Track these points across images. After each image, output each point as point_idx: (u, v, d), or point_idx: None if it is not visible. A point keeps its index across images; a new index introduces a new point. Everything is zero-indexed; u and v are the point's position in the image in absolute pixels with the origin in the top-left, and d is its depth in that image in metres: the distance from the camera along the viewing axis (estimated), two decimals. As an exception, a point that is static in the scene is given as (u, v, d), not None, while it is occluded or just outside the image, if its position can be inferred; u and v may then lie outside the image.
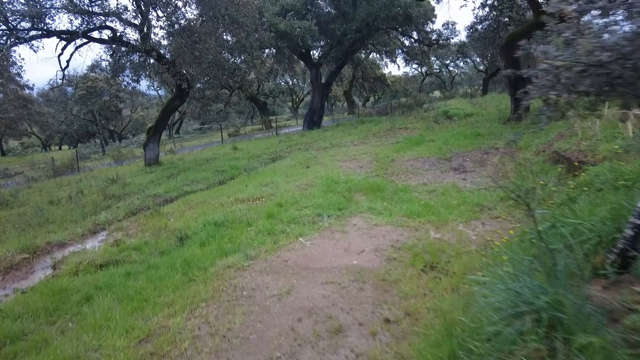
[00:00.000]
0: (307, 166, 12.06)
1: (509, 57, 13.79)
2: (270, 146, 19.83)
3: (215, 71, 14.50)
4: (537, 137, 10.24)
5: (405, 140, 14.22)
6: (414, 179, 9.65)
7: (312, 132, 23.31)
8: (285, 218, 7.07)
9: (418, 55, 37.54)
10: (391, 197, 8.04)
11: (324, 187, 9.00)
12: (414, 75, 59.27)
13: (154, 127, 17.13)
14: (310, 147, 16.77)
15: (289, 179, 10.42)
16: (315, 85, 25.33)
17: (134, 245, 6.93)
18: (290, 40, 19.54)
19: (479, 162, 10.13)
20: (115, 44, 12.98)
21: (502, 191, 7.70)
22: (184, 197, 10.66)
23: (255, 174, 12.17)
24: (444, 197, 7.93)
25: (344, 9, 22.11)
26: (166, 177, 14.47)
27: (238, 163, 15.08)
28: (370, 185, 8.96)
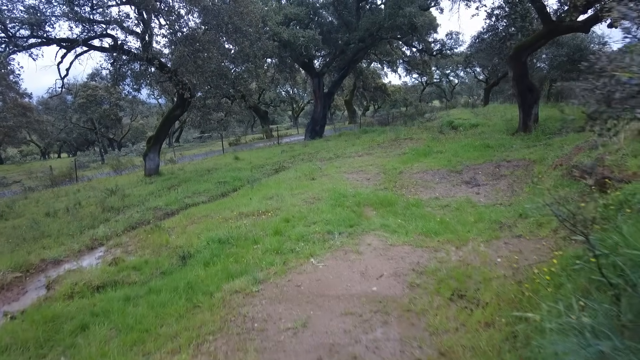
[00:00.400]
0: (312, 178, 11.70)
1: (518, 66, 13.55)
2: (272, 156, 19.49)
3: (218, 80, 14.20)
4: (551, 150, 9.92)
5: (411, 152, 13.90)
6: (424, 192, 9.29)
7: (315, 141, 23.01)
8: (293, 235, 6.69)
9: (419, 65, 37.48)
10: (403, 213, 7.68)
11: (332, 201, 8.64)
12: (414, 85, 59.27)
13: (154, 136, 16.79)
14: (314, 157, 16.43)
15: (295, 191, 10.06)
16: (317, 95, 25.09)
17: (133, 264, 6.54)
18: (293, 49, 19.32)
19: (491, 175, 9.79)
20: (116, 52, 12.68)
21: (520, 208, 7.37)
22: (185, 211, 10.27)
23: (258, 185, 11.81)
24: (459, 213, 7.57)
25: (348, 19, 21.96)
26: (167, 189, 14.09)
27: (240, 174, 14.72)
28: (380, 200, 8.60)
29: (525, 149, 11.13)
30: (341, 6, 21.77)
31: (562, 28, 12.61)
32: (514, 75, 13.66)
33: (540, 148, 10.53)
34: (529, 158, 9.80)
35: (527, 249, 5.43)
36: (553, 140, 10.89)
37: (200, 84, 13.37)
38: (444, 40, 24.35)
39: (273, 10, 18.48)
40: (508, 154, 10.92)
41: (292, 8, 19.89)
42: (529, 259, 5.06)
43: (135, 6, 12.80)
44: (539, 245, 5.47)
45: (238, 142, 37.47)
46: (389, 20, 18.78)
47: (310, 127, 25.82)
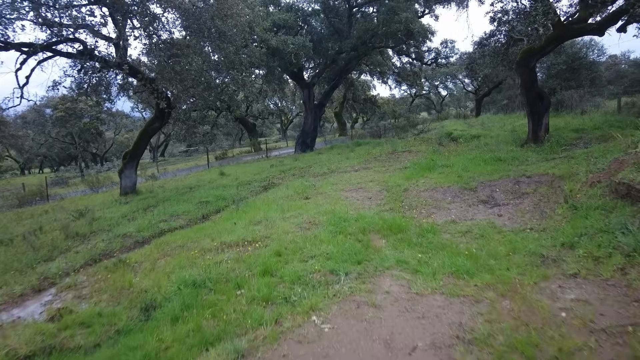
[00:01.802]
0: (306, 197, 10.37)
1: (526, 73, 12.52)
2: (261, 171, 18.12)
3: (200, 90, 12.88)
4: (577, 164, 8.76)
5: (413, 166, 12.67)
6: (438, 214, 8.02)
7: (306, 155, 21.71)
8: (287, 275, 5.33)
9: (409, 76, 36.78)
10: (419, 242, 6.38)
11: (332, 227, 7.32)
12: (403, 96, 58.87)
13: (130, 151, 15.32)
14: (306, 172, 15.12)
15: (287, 214, 8.71)
16: (308, 106, 23.91)
17: (82, 318, 5.08)
18: (282, 57, 18.13)
19: (511, 193, 8.57)
20: (84, 58, 11.27)
21: (560, 235, 6.14)
22: (159, 239, 8.81)
23: (245, 206, 10.42)
24: (485, 241, 6.30)
25: (339, 27, 20.92)
26: (142, 210, 12.61)
27: (225, 192, 13.31)
28: (388, 224, 7.30)
29: (543, 162, 9.97)
30: (332, 13, 20.75)
31: (574, 31, 11.63)
32: (522, 82, 12.61)
33: (561, 161, 9.37)
34: (552, 173, 8.61)
35: (594, 297, 4.16)
36: (574, 152, 9.76)
37: (180, 94, 12.01)
38: (439, 48, 23.53)
39: (260, 16, 17.32)
40: (525, 168, 9.73)
41: (280, 14, 18.76)
42: (607, 315, 3.78)
43: (106, 7, 11.45)
44: (609, 292, 4.21)
45: (225, 155, 36.08)
46: (384, 27, 17.76)
47: (300, 140, 24.56)
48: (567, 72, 20.93)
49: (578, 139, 11.85)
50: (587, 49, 22.18)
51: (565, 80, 21.02)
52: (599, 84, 21.98)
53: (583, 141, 11.47)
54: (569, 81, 20.89)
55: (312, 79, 23.74)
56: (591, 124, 14.75)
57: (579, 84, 20.67)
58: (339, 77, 24.04)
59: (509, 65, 14.83)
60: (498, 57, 14.51)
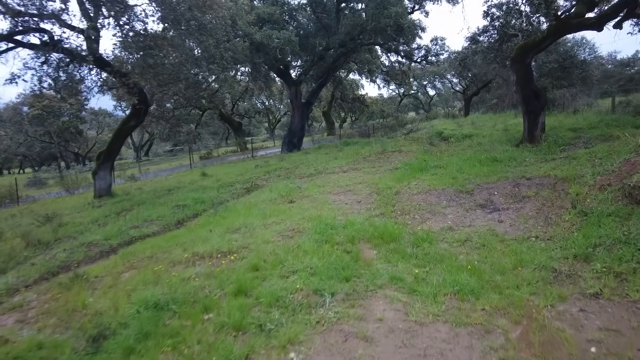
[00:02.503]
0: (290, 201, 9.63)
1: (522, 69, 11.97)
2: (244, 172, 17.32)
3: (182, 87, 12.04)
4: (579, 165, 8.19)
5: (404, 166, 12.02)
6: (433, 220, 7.36)
7: (292, 155, 20.95)
8: (263, 295, 4.59)
9: (398, 76, 36.29)
10: (414, 254, 5.70)
11: (317, 236, 6.60)
12: (391, 96, 58.58)
13: (105, 151, 14.39)
14: (292, 173, 14.37)
15: (268, 220, 7.95)
16: (294, 105, 23.13)
17: (18, 351, 4.26)
18: (267, 53, 17.32)
19: (510, 196, 7.95)
20: (47, 49, 10.34)
21: (571, 244, 5.52)
22: (127, 248, 7.97)
23: (224, 210, 9.63)
24: (487, 252, 5.65)
25: (326, 22, 20.19)
26: (115, 214, 11.73)
27: (205, 195, 12.49)
28: (379, 232, 6.61)
29: (542, 163, 9.40)
30: (319, 8, 20.01)
31: (571, 26, 11.10)
32: (518, 80, 12.05)
33: (562, 162, 8.80)
34: (554, 175, 8.01)
35: (625, 325, 3.53)
36: (575, 152, 9.20)
37: (155, 90, 11.13)
38: (429, 46, 22.99)
39: (244, 9, 16.50)
40: (524, 169, 9.14)
41: (265, 8, 17.94)
42: None
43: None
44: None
45: (210, 155, 35.14)
46: (373, 22, 17.09)
47: (287, 139, 23.78)
48: (558, 71, 20.56)
49: (576, 139, 11.33)
50: (578, 47, 21.90)
51: (556, 79, 20.63)
52: (589, 83, 21.67)
53: (582, 141, 10.94)
54: (561, 80, 20.52)
55: (299, 77, 22.97)
56: (585, 123, 14.31)
57: (571, 82, 20.30)
58: (327, 75, 23.33)
59: (502, 62, 14.30)
60: (491, 53, 13.98)
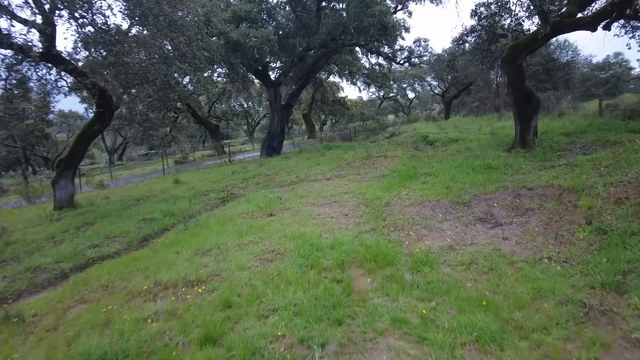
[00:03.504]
0: (270, 214, 8.71)
1: (513, 70, 11.41)
2: (221, 178, 16.27)
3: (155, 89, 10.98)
4: (584, 173, 7.57)
5: (392, 173, 11.28)
6: (430, 237, 6.58)
7: (272, 159, 20.00)
8: (236, 345, 3.71)
9: (379, 78, 35.82)
10: (415, 282, 4.89)
11: (301, 259, 5.72)
12: (371, 99, 58.34)
13: (65, 158, 13.13)
14: (272, 181, 13.43)
15: (244, 239, 7.02)
16: (274, 107, 22.19)
17: None
18: (244, 52, 16.34)
19: (512, 209, 7.26)
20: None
21: (594, 269, 4.82)
22: (80, 274, 6.89)
23: (195, 226, 8.64)
24: (497, 278, 4.90)
25: (307, 21, 19.35)
26: (74, 229, 10.54)
27: (175, 206, 11.43)
28: (371, 253, 5.78)
29: (541, 171, 8.78)
30: (299, 7, 19.16)
31: (564, 26, 10.59)
32: (509, 81, 11.49)
33: (564, 170, 8.18)
34: (558, 185, 7.36)
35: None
36: (576, 159, 8.60)
37: (115, 89, 10.00)
38: (412, 47, 22.43)
39: (219, 6, 15.49)
40: (523, 178, 8.49)
41: (242, 5, 16.94)
42: None
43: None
44: None
45: (185, 160, 33.71)
46: (355, 21, 16.35)
47: (266, 143, 22.79)
48: (542, 74, 20.29)
49: (571, 144, 10.81)
50: (561, 49, 21.77)
51: (540, 82, 20.38)
52: (572, 86, 21.53)
53: (578, 146, 10.42)
54: (544, 82, 20.27)
55: (278, 78, 22.04)
56: (574, 127, 13.92)
57: (554, 85, 20.06)
58: (307, 76, 22.48)
59: (490, 63, 13.76)
60: (479, 54, 13.42)
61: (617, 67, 36.60)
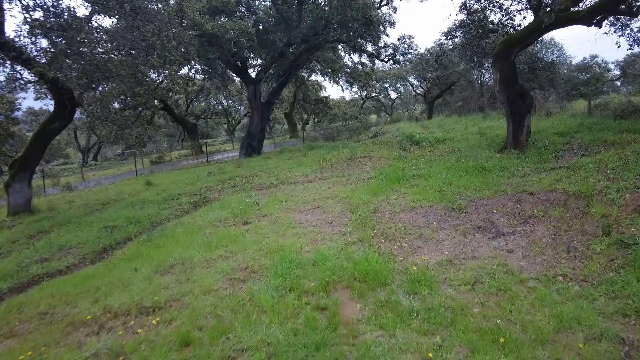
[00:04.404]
0: (245, 221, 7.81)
1: (506, 66, 10.81)
2: (195, 180, 15.24)
3: (108, 78, 9.91)
4: (589, 176, 6.93)
5: (378, 175, 10.52)
6: (425, 250, 5.82)
7: (251, 160, 19.03)
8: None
9: (362, 77, 35.25)
10: (413, 309, 4.11)
11: (278, 280, 4.88)
12: (353, 99, 57.94)
13: (20, 159, 11.93)
14: (250, 183, 12.51)
15: (214, 252, 6.13)
16: (253, 105, 21.20)
17: None
18: (221, 46, 15.35)
19: (513, 216, 6.57)
20: None
21: (621, 291, 4.13)
22: (18, 296, 5.86)
23: (160, 236, 7.68)
24: (509, 302, 4.16)
25: (288, 15, 18.46)
26: (26, 239, 9.41)
27: (143, 211, 10.40)
28: (360, 270, 4.99)
29: (540, 173, 8.14)
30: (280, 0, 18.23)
31: (559, 20, 10.03)
32: (501, 78, 10.87)
33: (566, 173, 7.55)
34: (563, 189, 6.71)
35: None
36: (578, 161, 7.97)
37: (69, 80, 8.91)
38: (397, 44, 21.74)
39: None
40: (521, 181, 7.83)
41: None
42: None
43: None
44: None
45: (161, 160, 32.35)
46: (338, 15, 15.56)
47: (246, 143, 21.79)
48: (528, 73, 19.93)
49: (567, 144, 10.24)
50: (547, 49, 21.50)
51: (526, 81, 20.01)
52: (557, 86, 21.27)
53: (575, 147, 9.85)
54: (530, 82, 19.91)
55: (258, 75, 21.07)
56: (564, 126, 13.45)
57: (540, 85, 19.72)
58: (289, 73, 21.57)
59: (480, 60, 13.17)
60: (468, 50, 12.80)
61: (597, 69, 36.89)
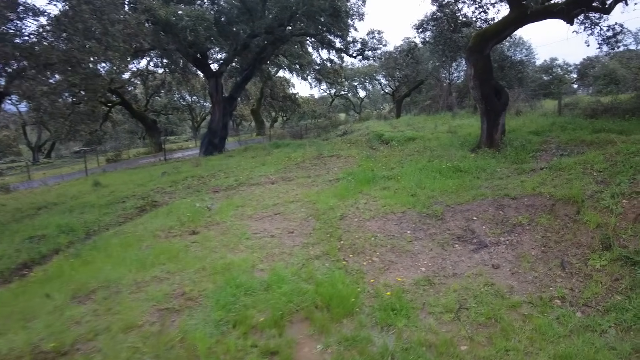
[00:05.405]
0: (192, 231, 6.75)
1: (480, 61, 10.23)
2: (148, 180, 13.89)
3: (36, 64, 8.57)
4: (576, 179, 6.33)
5: (347, 177, 9.67)
6: (399, 265, 5.00)
7: (211, 158, 17.77)
8: None
9: (330, 74, 34.46)
10: (387, 350, 3.25)
11: (219, 312, 3.92)
12: (323, 96, 57.31)
13: None
14: (205, 185, 11.37)
15: (148, 272, 5.06)
16: (215, 100, 19.91)
17: None
18: (176, 34, 14.08)
19: (496, 224, 5.86)
20: None
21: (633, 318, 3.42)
22: None
23: (91, 249, 6.51)
24: (502, 336, 3.41)
25: (251, 5, 17.33)
26: None
27: (80, 218, 9.10)
28: (323, 295, 4.11)
29: (520, 175, 7.54)
30: (241, -13, 17.08)
31: (536, 13, 9.53)
32: (475, 73, 10.29)
33: (548, 175, 6.95)
34: (548, 194, 6.07)
35: None
36: (560, 162, 7.40)
37: None
38: (366, 39, 21.03)
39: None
40: (501, 184, 7.17)
41: (173, -21, 14.63)
42: None
43: None
44: None
45: (119, 158, 30.38)
46: (304, 5, 14.62)
47: (206, 140, 20.47)
48: (497, 71, 19.68)
49: (544, 144, 9.76)
50: (515, 47, 21.41)
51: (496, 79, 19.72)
52: (525, 85, 21.21)
53: (553, 146, 9.37)
54: (499, 80, 19.64)
55: (219, 68, 19.79)
56: (535, 125, 13.12)
57: (509, 83, 19.52)
58: (253, 67, 20.41)
59: (452, 54, 12.58)
60: (440, 45, 12.18)
61: (559, 70, 37.71)
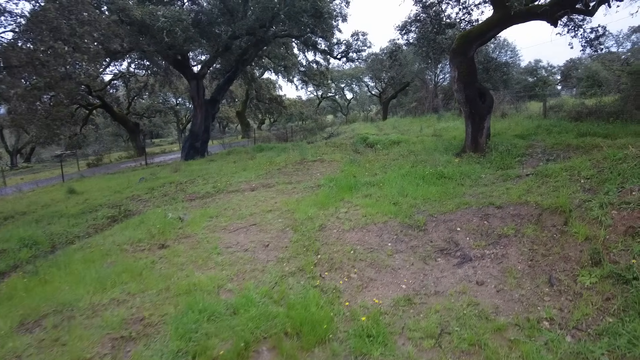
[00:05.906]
0: (161, 245, 6.34)
1: (464, 63, 10.00)
2: (125, 187, 13.36)
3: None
4: (563, 186, 6.10)
5: (328, 183, 9.33)
6: (378, 282, 4.68)
7: (193, 163, 17.26)
8: None
9: (316, 76, 34.23)
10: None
11: (177, 342, 3.54)
12: (310, 98, 57.04)
13: None
14: (183, 191, 10.93)
15: (107, 294, 4.65)
16: (196, 103, 19.42)
17: None
18: (153, 35, 13.59)
19: (480, 235, 5.59)
20: None
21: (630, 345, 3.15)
22: None
23: (51, 265, 6.04)
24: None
25: (231, 5, 16.91)
26: None
27: (47, 229, 8.58)
28: (294, 320, 3.77)
29: (506, 182, 7.29)
30: (222, -13, 16.66)
31: (520, 14, 9.33)
32: (459, 76, 10.06)
33: (534, 182, 6.72)
34: (534, 203, 5.81)
35: None
36: (545, 168, 7.18)
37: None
38: (350, 41, 20.72)
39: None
40: (486, 191, 6.91)
41: (150, -22, 14.14)
42: None
43: None
44: None
45: (100, 162, 29.66)
46: (286, 6, 14.27)
47: (188, 143, 19.95)
48: (482, 73, 19.60)
49: (529, 148, 9.57)
50: (500, 49, 21.38)
51: (481, 82, 19.64)
52: (510, 87, 21.18)
53: (539, 151, 9.17)
54: (484, 82, 19.58)
55: (201, 69, 19.31)
56: (520, 128, 13.01)
57: (494, 85, 19.44)
58: (235, 69, 19.97)
59: (436, 56, 12.37)
60: (424, 47, 11.95)
61: (544, 72, 37.99)
